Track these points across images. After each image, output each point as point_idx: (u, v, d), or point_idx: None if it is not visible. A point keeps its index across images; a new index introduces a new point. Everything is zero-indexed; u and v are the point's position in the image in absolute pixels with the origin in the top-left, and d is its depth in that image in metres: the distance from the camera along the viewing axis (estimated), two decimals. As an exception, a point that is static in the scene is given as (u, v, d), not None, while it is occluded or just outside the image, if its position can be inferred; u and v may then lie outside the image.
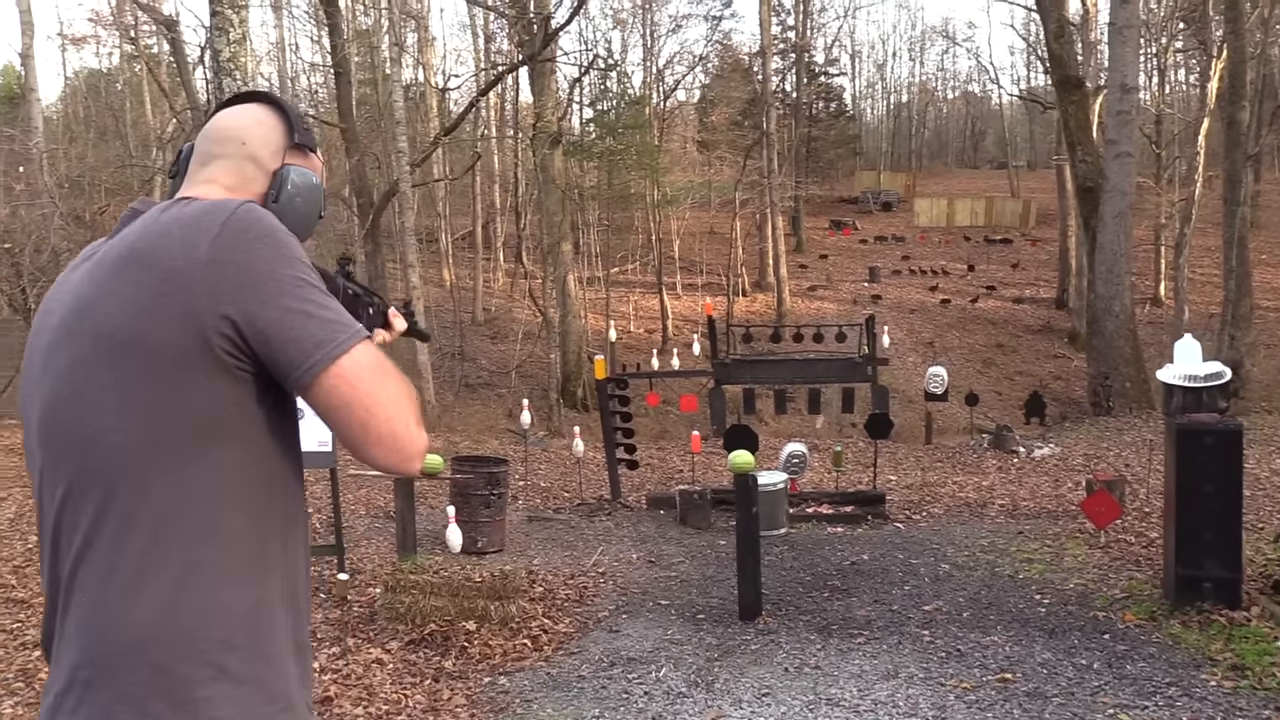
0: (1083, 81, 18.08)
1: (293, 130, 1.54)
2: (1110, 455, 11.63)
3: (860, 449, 13.31)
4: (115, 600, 1.28)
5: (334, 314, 1.34)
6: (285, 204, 1.49)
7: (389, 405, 1.34)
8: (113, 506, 1.29)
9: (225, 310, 1.27)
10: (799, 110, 43.18)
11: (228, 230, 1.30)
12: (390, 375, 1.36)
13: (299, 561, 1.43)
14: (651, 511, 9.07)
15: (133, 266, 1.31)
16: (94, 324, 1.31)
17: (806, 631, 5.41)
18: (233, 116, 1.54)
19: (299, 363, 1.30)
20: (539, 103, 22.89)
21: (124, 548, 1.28)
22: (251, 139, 1.51)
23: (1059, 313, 30.68)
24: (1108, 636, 5.12)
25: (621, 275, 33.48)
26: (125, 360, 1.28)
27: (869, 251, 39.49)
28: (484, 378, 25.07)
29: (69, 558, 1.33)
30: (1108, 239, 15.47)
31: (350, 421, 1.32)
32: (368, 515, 8.89)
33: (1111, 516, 7.02)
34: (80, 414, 1.32)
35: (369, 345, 1.36)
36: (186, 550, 1.29)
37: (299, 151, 1.55)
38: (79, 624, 1.31)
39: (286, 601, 1.38)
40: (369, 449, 1.34)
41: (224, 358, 1.28)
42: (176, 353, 1.27)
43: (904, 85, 65.45)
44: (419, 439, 1.38)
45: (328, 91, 27.57)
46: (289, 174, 1.51)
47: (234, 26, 7.08)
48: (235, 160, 1.50)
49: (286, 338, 1.29)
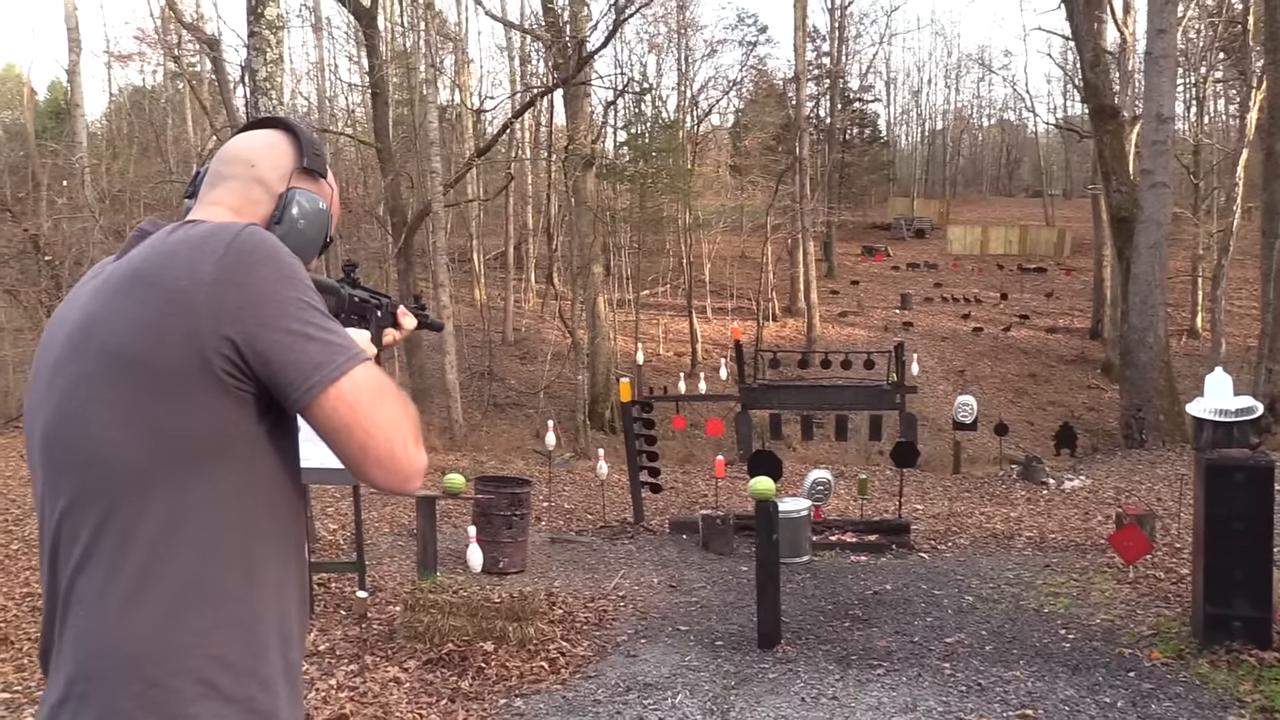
0: (1118, 111, 17.96)
1: (303, 155, 1.56)
2: (1142, 489, 11.47)
3: (887, 477, 13.20)
4: (111, 614, 1.29)
5: (335, 336, 1.36)
6: (288, 226, 1.52)
7: (388, 426, 1.35)
8: (112, 522, 1.31)
9: (226, 331, 1.29)
10: (833, 136, 43.16)
11: (231, 252, 1.32)
12: (389, 396, 1.38)
13: (295, 581, 1.44)
14: (674, 536, 9.03)
15: (139, 286, 1.33)
16: (100, 341, 1.33)
17: (825, 661, 5.36)
18: (246, 140, 1.58)
19: (298, 384, 1.31)
20: (573, 125, 23.05)
21: (122, 562, 1.30)
22: (260, 162, 1.54)
23: (1093, 343, 30.37)
24: (1133, 674, 5.03)
25: (652, 298, 33.53)
26: (129, 378, 1.30)
27: (901, 278, 39.32)
28: (512, 397, 25.15)
29: (67, 570, 1.34)
30: (1142, 269, 15.31)
31: (349, 443, 1.34)
32: (391, 533, 8.92)
33: (1140, 551, 6.91)
34: (83, 430, 1.33)
35: (369, 366, 1.37)
36: (184, 567, 1.30)
37: (308, 176, 1.57)
38: (75, 637, 1.32)
39: (281, 621, 1.39)
40: (368, 470, 1.36)
41: (224, 378, 1.30)
42: (179, 372, 1.29)
43: (939, 112, 65.34)
44: (418, 459, 1.39)
45: (365, 111, 27.90)
46: (294, 197, 1.53)
47: (271, 47, 7.19)
48: (242, 182, 1.53)
49: (286, 359, 1.31)
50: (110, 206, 19.49)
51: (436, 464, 12.75)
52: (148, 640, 1.28)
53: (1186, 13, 21.63)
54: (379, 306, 1.77)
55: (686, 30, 36.11)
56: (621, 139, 34.44)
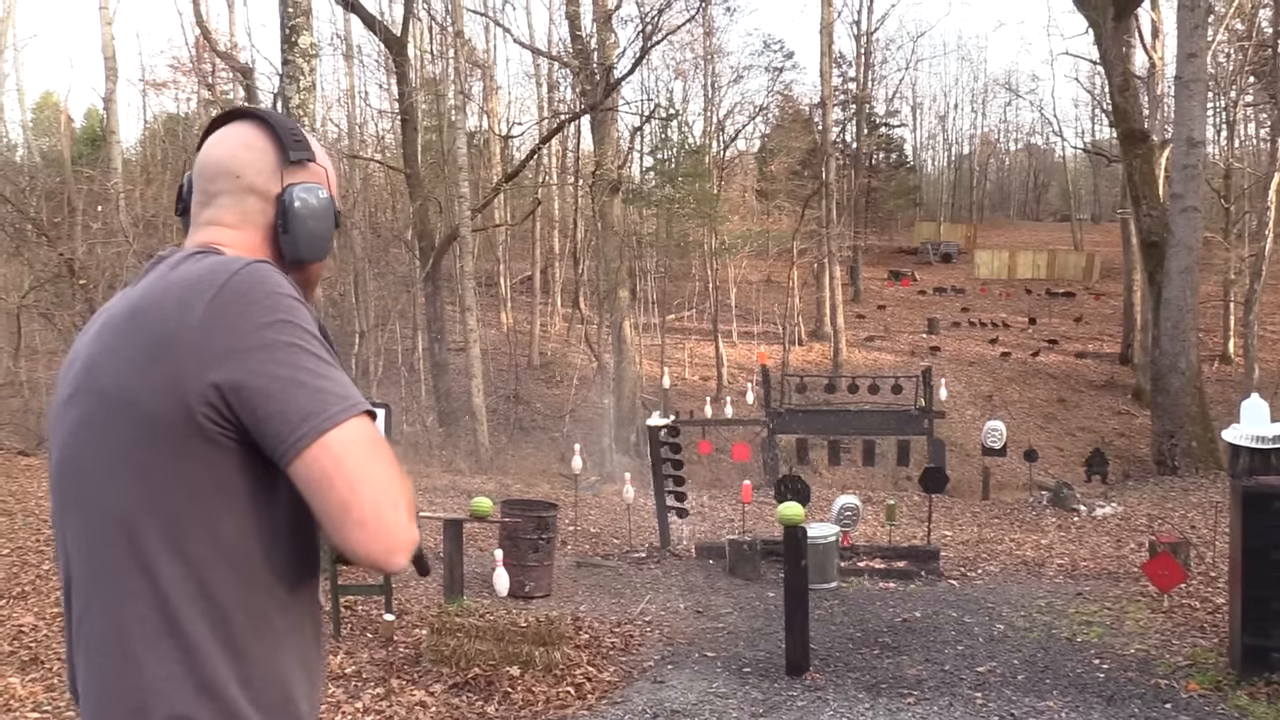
0: (1148, 135, 17.85)
1: (284, 147, 1.44)
2: (1175, 516, 11.30)
3: (915, 503, 13.08)
4: (112, 667, 1.27)
5: (329, 383, 1.26)
6: (296, 230, 1.43)
7: (376, 485, 1.24)
8: (107, 573, 1.28)
9: (211, 378, 1.22)
10: (859, 161, 43.14)
11: (224, 293, 1.25)
12: (382, 456, 1.27)
13: (305, 629, 1.38)
14: (700, 561, 8.98)
15: (134, 327, 1.28)
16: (98, 383, 1.29)
17: (855, 690, 5.30)
18: (220, 147, 1.46)
19: (284, 436, 1.22)
20: (599, 150, 23.18)
21: (120, 616, 1.27)
22: (245, 169, 1.43)
23: (1123, 368, 30.06)
24: (1169, 706, 4.94)
25: (678, 322, 33.54)
26: (121, 423, 1.26)
27: (928, 303, 39.12)
28: (538, 421, 25.17)
29: (75, 617, 1.33)
30: (1173, 294, 15.15)
31: (330, 498, 1.22)
32: (418, 556, 8.91)
33: (1175, 580, 6.80)
34: (80, 476, 1.31)
35: (363, 421, 1.27)
36: (181, 624, 1.25)
37: (298, 166, 1.45)
38: (84, 686, 1.31)
39: (292, 670, 1.33)
40: (349, 531, 1.22)
41: (208, 426, 1.23)
42: (164, 420, 1.23)
43: (966, 137, 65.13)
44: (407, 530, 1.26)
45: (394, 137, 28.16)
46: (293, 197, 1.42)
47: (304, 75, 7.28)
48: (234, 196, 1.43)
49: (272, 409, 1.22)
50: (144, 231, 19.72)
51: (463, 487, 12.76)
52: (149, 693, 1.25)
53: (1216, 37, 21.49)
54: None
55: (713, 56, 36.25)
56: (648, 164, 34.58)
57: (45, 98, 45.18)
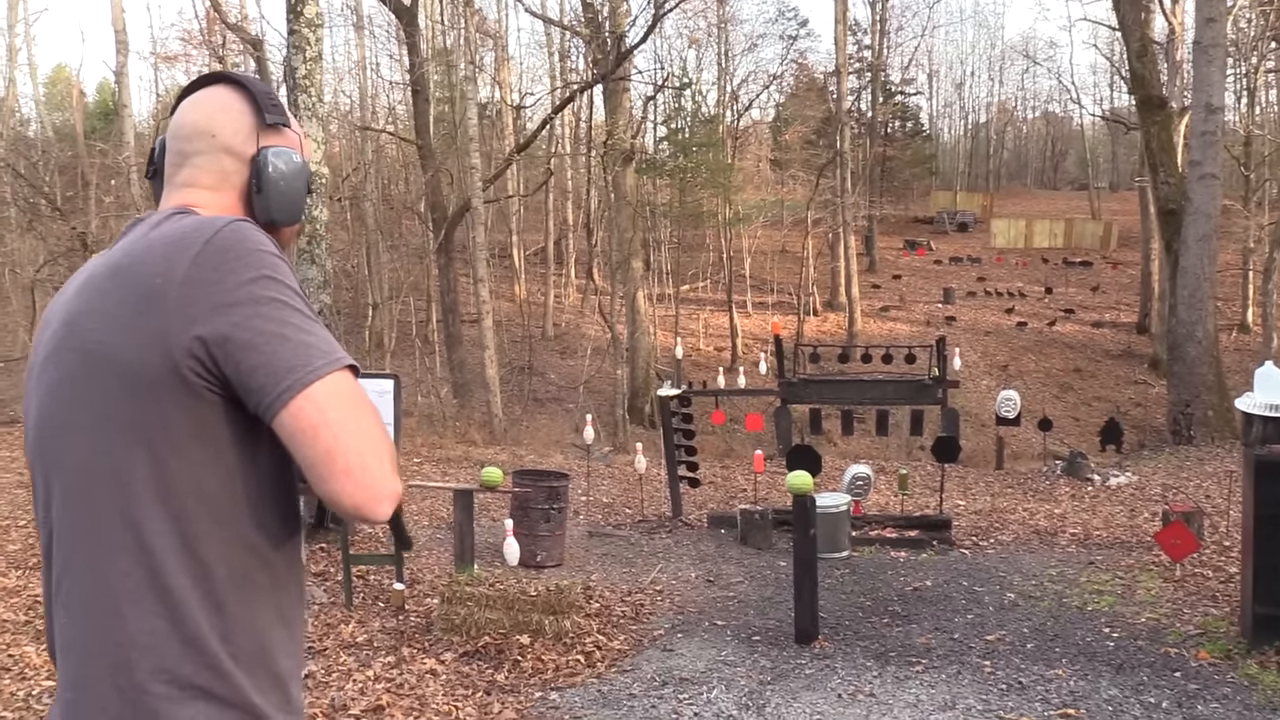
0: (1166, 101, 17.62)
1: (261, 109, 1.46)
2: (1190, 486, 11.25)
3: (928, 473, 13.06)
4: (95, 623, 1.27)
5: (313, 338, 1.28)
6: (270, 191, 1.43)
7: (360, 436, 1.26)
8: (90, 529, 1.28)
9: (196, 331, 1.23)
10: (874, 129, 42.79)
11: (209, 250, 1.26)
12: (366, 410, 1.29)
13: (287, 586, 1.38)
14: (712, 530, 9.00)
15: (117, 284, 1.29)
16: (79, 340, 1.29)
17: (863, 658, 5.31)
18: (197, 108, 1.47)
19: (269, 388, 1.23)
20: (612, 120, 23.06)
21: (103, 572, 1.27)
22: (220, 129, 1.44)
23: (1140, 338, 29.88)
24: (1179, 674, 4.93)
25: (692, 293, 33.47)
26: (105, 378, 1.26)
27: (944, 272, 38.91)
28: (552, 392, 25.22)
29: (55, 575, 1.33)
30: (1190, 263, 15.01)
31: (315, 447, 1.23)
32: (430, 525, 8.97)
33: (1188, 549, 6.77)
34: (62, 433, 1.31)
35: (348, 375, 1.28)
36: (164, 578, 1.26)
37: (273, 130, 1.47)
38: (65, 645, 1.31)
39: (271, 626, 1.34)
40: (335, 481, 1.24)
41: (194, 380, 1.24)
42: (149, 374, 1.24)
43: (982, 105, 64.46)
44: (390, 480, 1.27)
45: (406, 109, 28.10)
46: (267, 158, 1.44)
47: (310, 45, 7.25)
48: (209, 156, 1.44)
49: (256, 362, 1.23)
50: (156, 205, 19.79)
51: (476, 458, 12.82)
52: (134, 648, 1.25)
53: (1237, 1, 21.16)
54: None
55: (726, 24, 35.93)
56: (661, 134, 34.41)
57: (57, 71, 45.22)
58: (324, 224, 7.36)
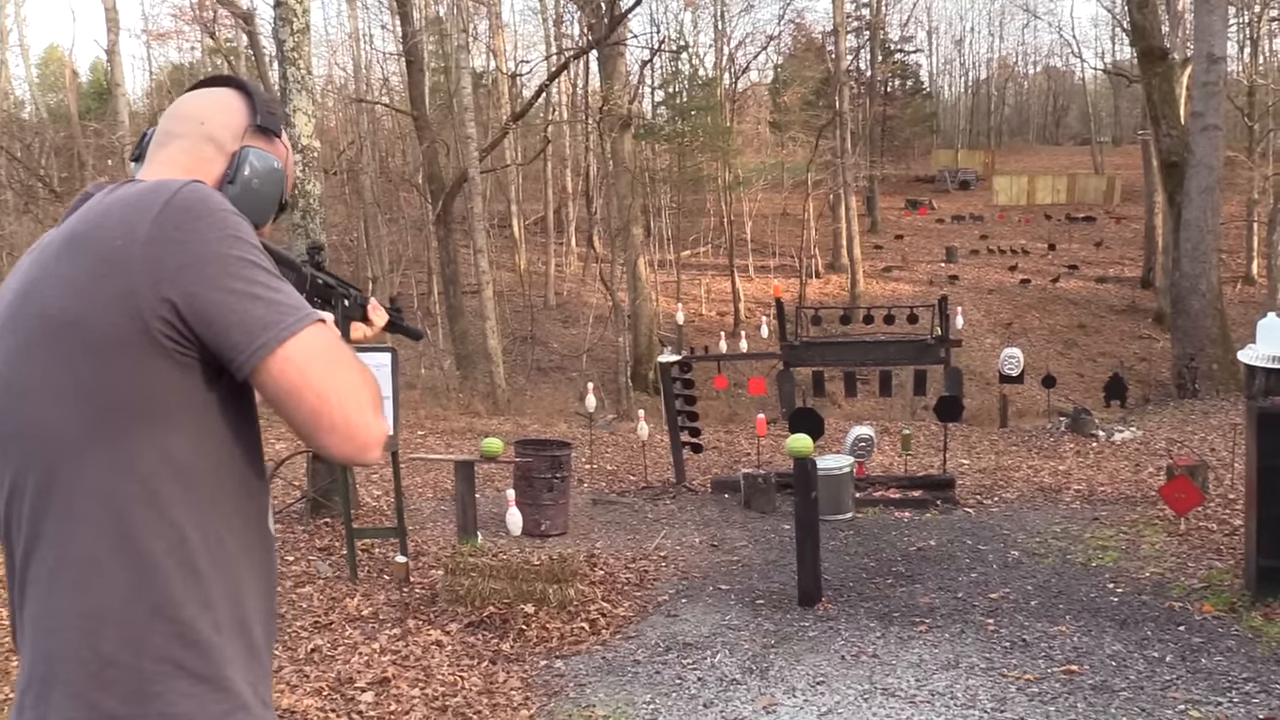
0: (1168, 52, 17.42)
1: (256, 112, 1.48)
2: (1194, 439, 11.23)
3: (932, 432, 13.05)
4: (63, 596, 1.25)
5: (282, 296, 1.27)
6: (241, 186, 1.44)
7: (342, 390, 1.27)
8: (56, 499, 1.26)
9: (165, 292, 1.21)
10: (874, 88, 42.46)
11: (169, 209, 1.24)
12: (344, 360, 1.30)
13: (257, 555, 1.37)
14: (716, 495, 9.01)
15: (73, 249, 1.26)
16: (38, 308, 1.27)
17: (867, 619, 5.31)
18: (196, 98, 1.49)
19: (243, 346, 1.23)
20: (608, 86, 22.87)
21: (69, 542, 1.25)
22: (210, 119, 1.46)
23: (1144, 292, 29.78)
24: (1183, 628, 4.94)
25: (693, 258, 33.38)
26: (66, 345, 1.24)
27: (946, 231, 38.75)
28: (555, 361, 25.22)
29: (19, 551, 1.30)
30: (1194, 215, 14.90)
31: (300, 407, 1.25)
32: (435, 498, 8.99)
33: (1192, 503, 6.76)
34: (22, 401, 1.28)
35: (321, 328, 1.29)
36: (133, 545, 1.24)
37: (262, 135, 1.49)
38: (32, 620, 1.28)
39: (240, 596, 1.33)
40: (321, 437, 1.27)
41: (164, 342, 1.22)
42: (115, 337, 1.22)
43: (983, 61, 63.93)
44: (376, 426, 1.30)
45: (401, 80, 27.89)
46: (247, 155, 1.45)
47: (297, 17, 7.15)
48: (193, 140, 1.45)
49: (229, 321, 1.23)
50: (153, 183, 19.72)
51: (480, 429, 12.83)
52: (102, 620, 1.23)
53: (1239, -53, 20.88)
54: (346, 296, 1.69)
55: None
56: (659, 98, 34.16)
57: (49, 52, 44.96)
58: (317, 198, 7.30)
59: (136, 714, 1.23)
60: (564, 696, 4.37)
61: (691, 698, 4.30)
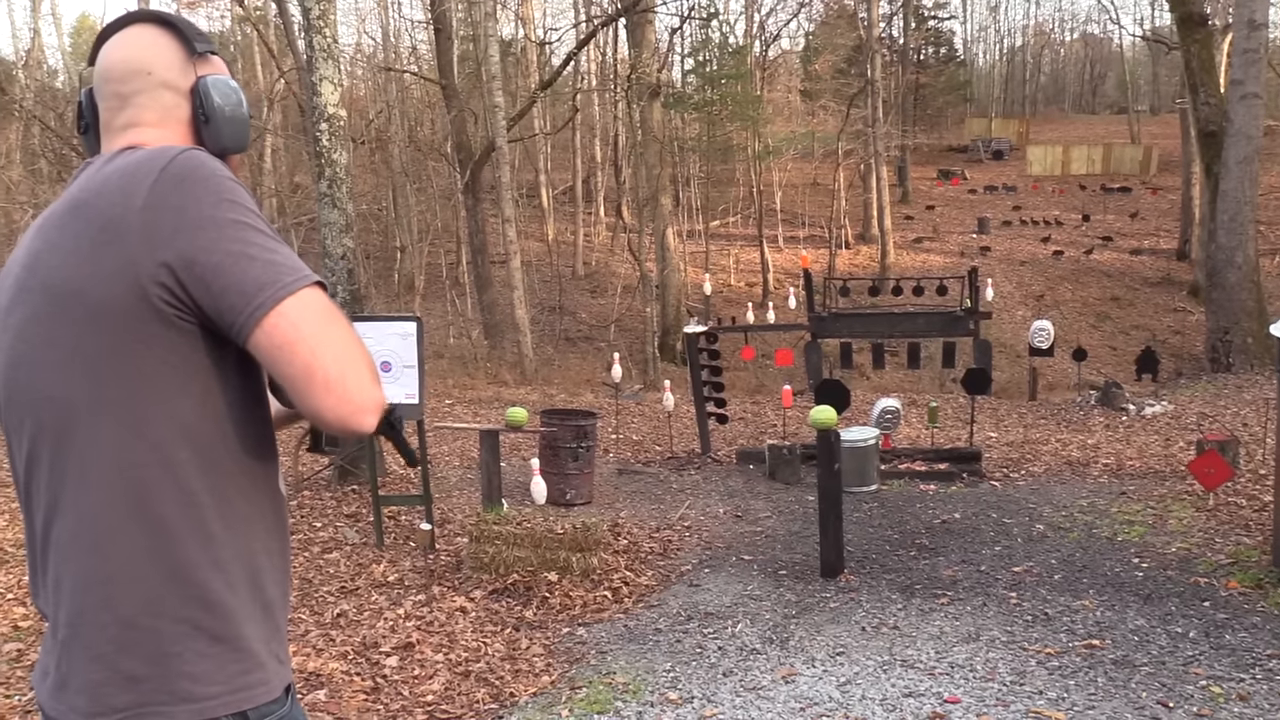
0: (1208, 18, 17.07)
1: (189, 40, 1.44)
2: (1227, 414, 11.10)
3: (960, 405, 12.98)
4: (83, 561, 1.28)
5: (280, 256, 1.28)
6: (217, 118, 1.42)
7: (337, 348, 1.27)
8: (72, 466, 1.28)
9: (162, 257, 1.23)
10: (906, 56, 41.91)
11: (165, 176, 1.26)
12: (341, 323, 1.30)
13: (269, 518, 1.40)
14: (741, 466, 9.02)
15: (74, 218, 1.29)
16: (42, 279, 1.29)
17: (889, 590, 5.32)
18: (124, 49, 1.43)
19: (240, 308, 1.24)
20: (636, 54, 22.71)
21: (86, 508, 1.28)
22: (155, 65, 1.42)
23: (1180, 264, 29.33)
24: (1208, 604, 4.91)
25: (722, 228, 33.20)
26: (71, 313, 1.26)
27: (978, 202, 38.30)
28: (583, 331, 25.25)
29: (40, 518, 1.33)
30: (1231, 186, 14.64)
31: (293, 362, 1.25)
32: (461, 466, 9.06)
33: (1221, 478, 6.70)
34: (34, 372, 1.30)
35: (317, 290, 1.30)
36: (148, 509, 1.27)
37: (204, 60, 1.45)
38: (55, 584, 1.32)
39: (252, 558, 1.35)
40: (315, 396, 1.25)
41: (163, 308, 1.24)
42: (117, 304, 1.24)
43: (1018, 27, 62.99)
44: (371, 390, 1.29)
45: (430, 48, 27.81)
46: (207, 86, 1.42)
47: (324, -16, 7.15)
48: (149, 94, 1.41)
49: (226, 283, 1.24)
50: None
51: (507, 398, 12.89)
52: (120, 583, 1.26)
53: (1285, -90, 20.34)
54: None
55: (753, -48, 35.11)
56: (688, 67, 33.87)
57: (81, 21, 45.21)
58: (344, 167, 7.33)
59: (156, 674, 1.27)
60: (585, 663, 4.41)
61: (711, 666, 4.33)
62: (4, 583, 5.40)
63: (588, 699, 4.00)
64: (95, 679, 1.27)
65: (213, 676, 1.28)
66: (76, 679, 1.28)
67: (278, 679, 1.37)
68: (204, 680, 1.28)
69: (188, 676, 1.27)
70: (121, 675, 1.26)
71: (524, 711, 3.92)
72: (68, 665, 1.29)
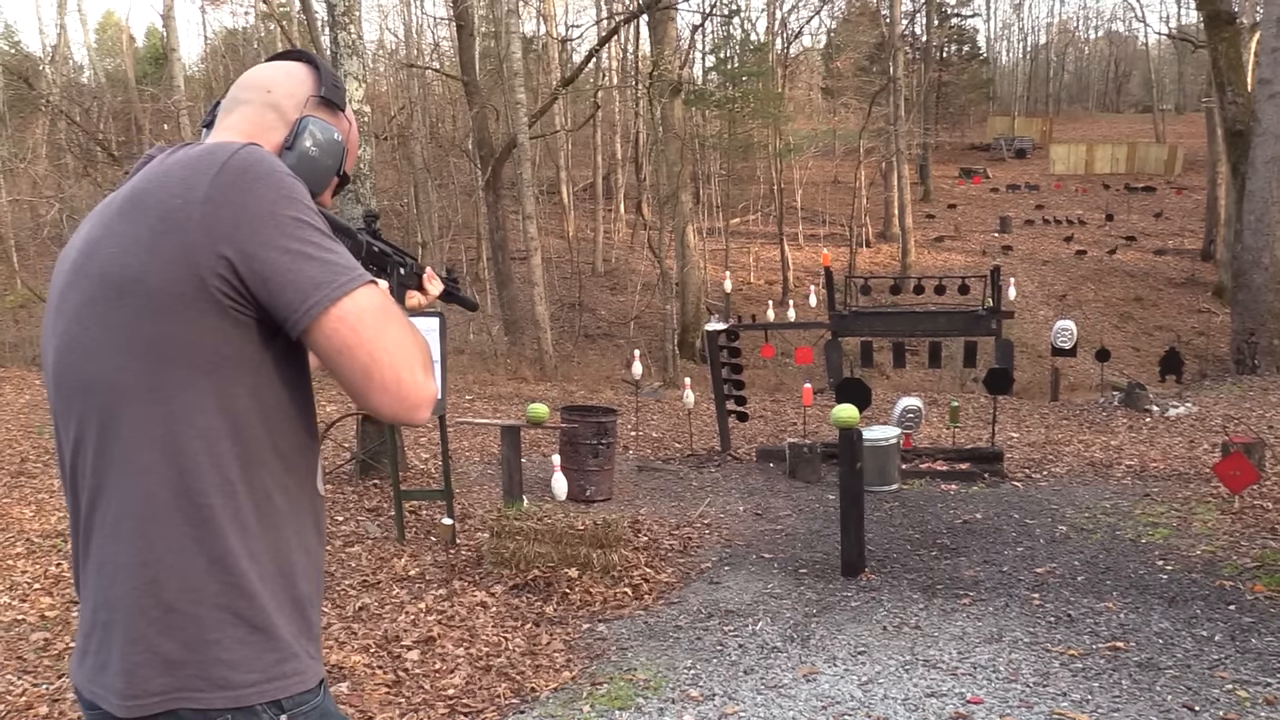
0: (1235, 17, 16.91)
1: (321, 84, 1.53)
2: (1252, 417, 11.00)
3: (981, 405, 12.92)
4: (125, 544, 1.29)
5: (336, 256, 1.31)
6: (299, 153, 1.47)
7: (393, 350, 1.31)
8: (118, 451, 1.30)
9: (222, 250, 1.25)
10: (929, 54, 41.67)
11: (227, 170, 1.28)
12: (395, 320, 1.33)
13: (306, 515, 1.41)
14: (761, 464, 9.01)
15: (135, 207, 1.31)
16: (100, 265, 1.31)
17: (910, 590, 5.30)
18: (265, 68, 1.55)
19: (296, 305, 1.27)
20: (657, 51, 22.69)
21: (131, 493, 1.29)
22: (276, 87, 1.51)
23: (1205, 265, 29.08)
24: (1233, 607, 4.86)
25: (742, 226, 33.16)
26: (127, 300, 1.28)
27: (1000, 200, 38.08)
28: (603, 328, 25.27)
29: (85, 500, 1.35)
30: (1258, 186, 14.50)
31: (352, 366, 1.29)
32: (481, 461, 9.09)
33: (1247, 481, 6.64)
34: (87, 356, 1.32)
35: (373, 289, 1.32)
36: (192, 497, 1.28)
37: (325, 107, 1.54)
38: (98, 567, 1.33)
39: (290, 549, 1.37)
40: (372, 396, 1.31)
41: (221, 299, 1.26)
42: (174, 292, 1.26)
43: (1042, 25, 62.52)
44: (426, 387, 1.34)
45: (452, 45, 27.89)
46: (307, 125, 1.49)
47: (349, -20, 7.18)
48: (256, 107, 1.49)
49: (284, 280, 1.26)
50: (209, 146, 20.02)
51: (527, 395, 12.92)
52: (162, 567, 1.28)
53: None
54: (402, 264, 1.71)
55: (776, -51, 35.00)
56: (709, 64, 33.84)
57: (107, 17, 45.55)
58: (368, 163, 7.35)
59: (195, 659, 1.28)
60: (605, 659, 4.42)
61: (732, 664, 4.32)
62: (32, 573, 5.47)
63: (609, 695, 4.00)
64: (133, 661, 1.29)
65: (250, 664, 1.30)
66: (115, 662, 1.30)
67: (312, 671, 1.38)
68: (241, 668, 1.29)
69: (225, 664, 1.29)
70: (160, 658, 1.28)
71: (545, 706, 3.93)
72: (108, 649, 1.31)
